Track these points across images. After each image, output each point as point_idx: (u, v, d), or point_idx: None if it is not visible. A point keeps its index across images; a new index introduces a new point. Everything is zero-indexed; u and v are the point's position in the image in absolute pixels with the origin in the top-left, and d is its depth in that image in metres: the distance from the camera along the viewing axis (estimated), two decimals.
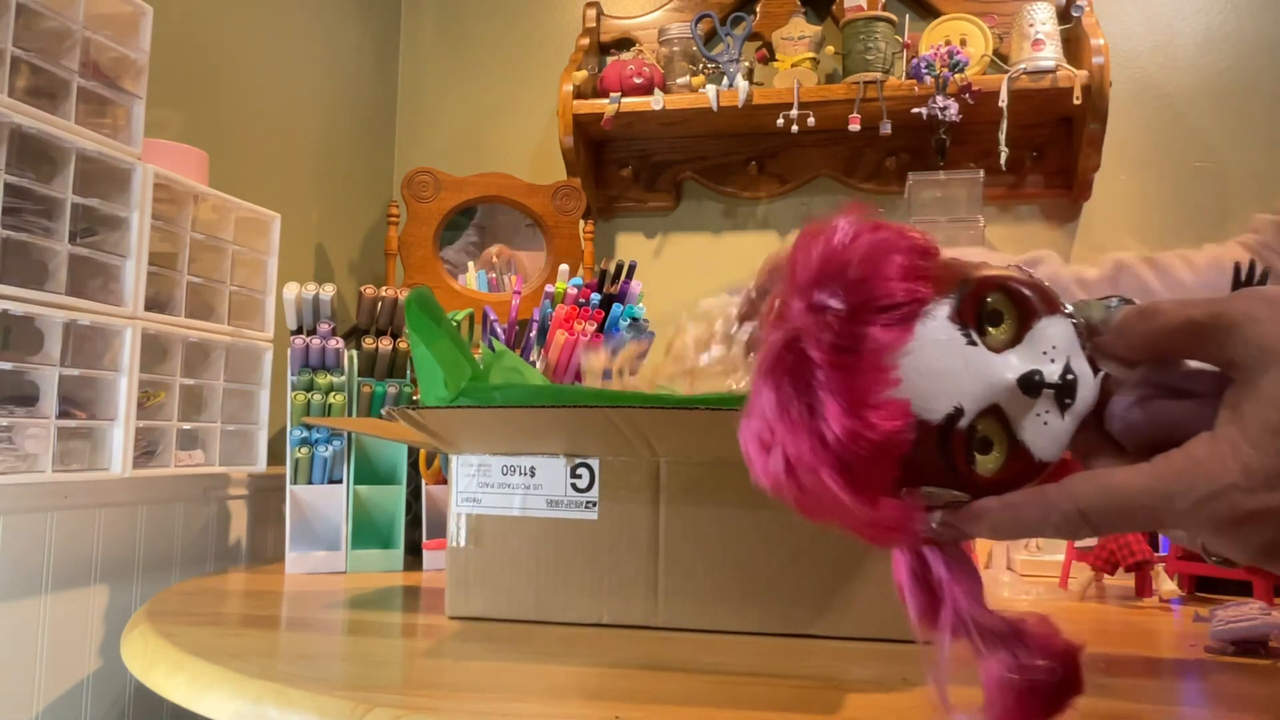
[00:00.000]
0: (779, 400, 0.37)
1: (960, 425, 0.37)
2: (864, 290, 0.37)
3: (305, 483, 1.11)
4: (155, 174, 1.01)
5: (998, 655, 0.38)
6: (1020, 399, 0.37)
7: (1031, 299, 0.38)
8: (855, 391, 0.36)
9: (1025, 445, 0.38)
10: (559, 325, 1.18)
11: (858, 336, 0.36)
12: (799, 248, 0.39)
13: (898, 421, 0.36)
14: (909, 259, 0.38)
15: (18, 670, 0.94)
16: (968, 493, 0.38)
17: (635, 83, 1.62)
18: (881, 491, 0.37)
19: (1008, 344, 0.38)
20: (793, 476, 0.37)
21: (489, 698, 0.56)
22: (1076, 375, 0.38)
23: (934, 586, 0.39)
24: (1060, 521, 0.37)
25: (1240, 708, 0.60)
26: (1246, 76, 1.59)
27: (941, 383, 0.37)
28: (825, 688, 0.59)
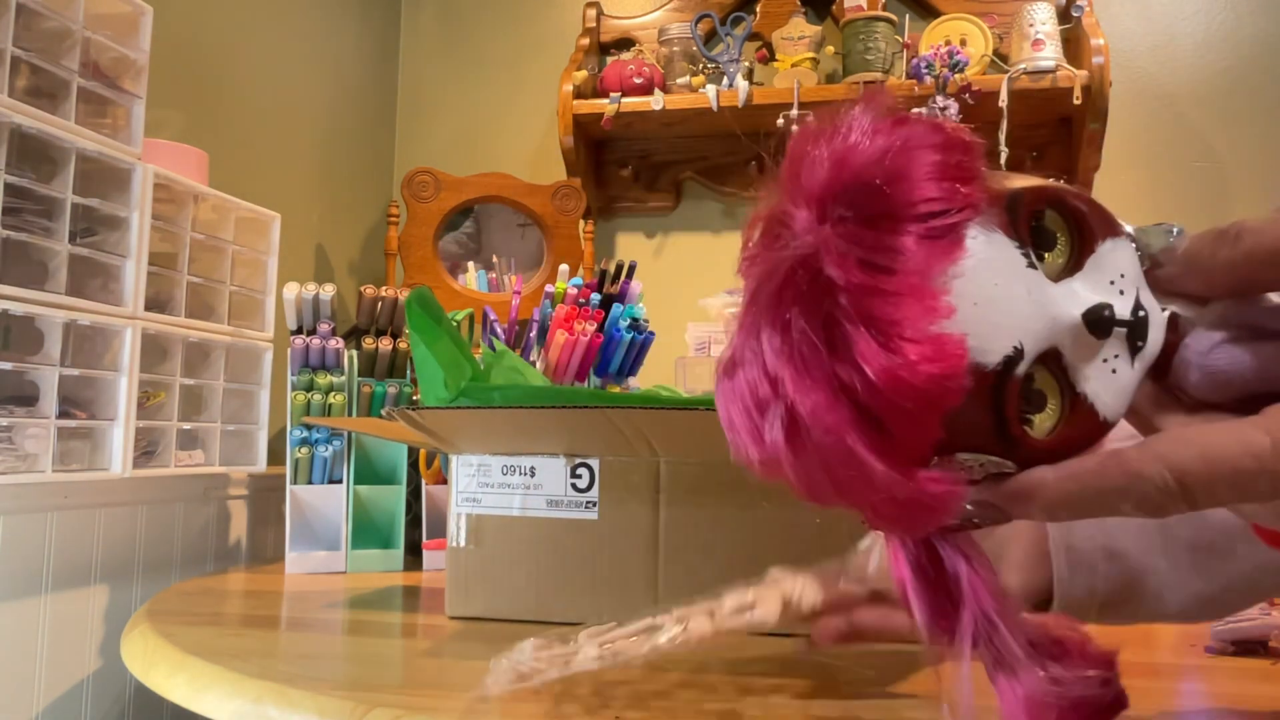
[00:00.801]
0: (787, 340, 0.28)
1: (1018, 372, 0.28)
2: (897, 193, 0.28)
3: (305, 483, 1.11)
4: (155, 174, 1.01)
5: (1029, 666, 0.31)
6: (1085, 339, 0.30)
7: (1092, 216, 0.31)
8: (894, 322, 0.27)
9: (1088, 399, 0.30)
10: (559, 325, 1.18)
11: (895, 250, 0.27)
12: (799, 148, 0.30)
13: (951, 362, 0.27)
14: (949, 155, 0.29)
15: (18, 670, 0.94)
16: (1014, 460, 0.30)
17: (635, 83, 1.62)
18: (918, 459, 0.28)
19: (1066, 270, 0.30)
20: (797, 441, 0.28)
21: (489, 697, 0.56)
22: (1148, 311, 0.30)
23: (948, 583, 0.32)
24: (1149, 494, 0.28)
25: (1240, 708, 0.60)
26: (1246, 76, 1.59)
27: (999, 314, 0.28)
28: (826, 687, 0.59)
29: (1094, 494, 0.29)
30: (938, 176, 0.28)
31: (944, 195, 0.28)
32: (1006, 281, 0.29)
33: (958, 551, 0.32)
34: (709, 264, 1.74)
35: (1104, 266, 0.30)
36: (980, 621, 0.31)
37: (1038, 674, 0.30)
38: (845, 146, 0.29)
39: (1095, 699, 0.31)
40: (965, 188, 0.28)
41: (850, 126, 0.29)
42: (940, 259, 0.28)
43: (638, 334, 1.22)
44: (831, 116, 0.30)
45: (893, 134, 0.29)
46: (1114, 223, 0.31)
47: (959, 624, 0.31)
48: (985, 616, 0.31)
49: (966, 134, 0.30)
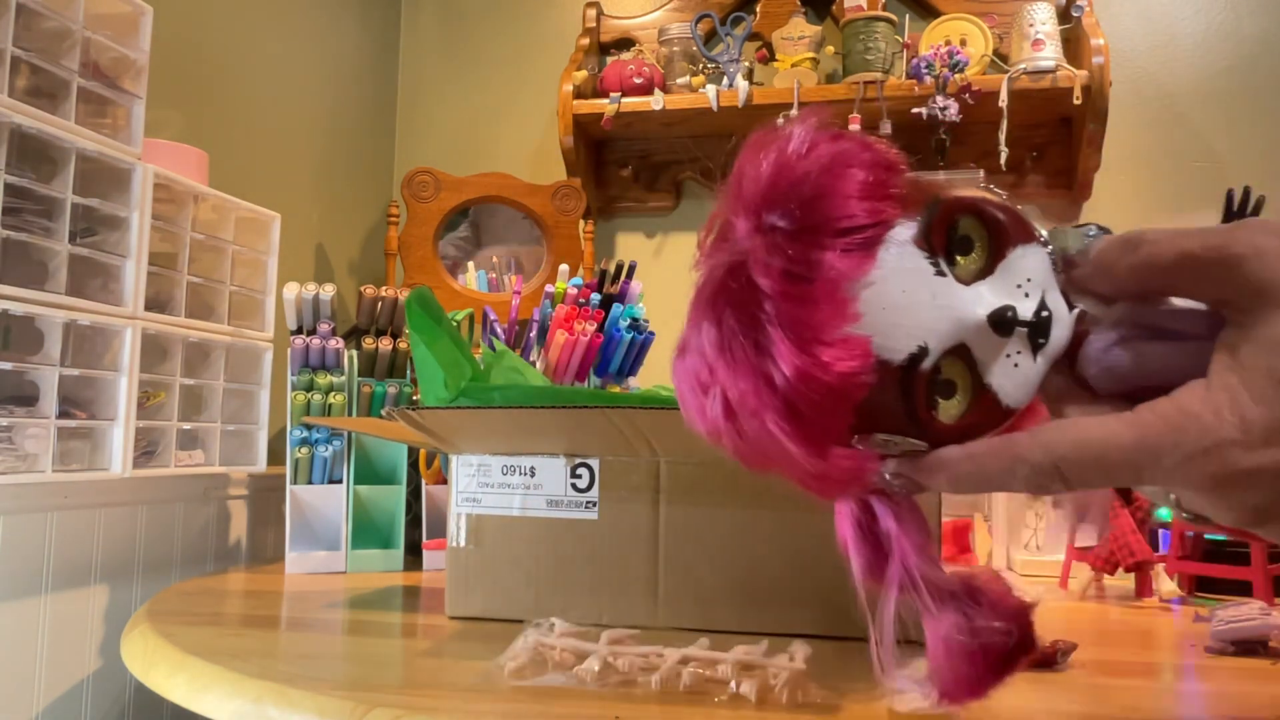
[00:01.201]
0: (720, 335, 0.33)
1: (924, 366, 0.32)
2: (821, 209, 0.32)
3: (305, 483, 1.11)
4: (155, 174, 1.01)
5: (947, 614, 0.35)
6: (990, 337, 0.33)
7: (1006, 224, 0.34)
8: (809, 326, 0.31)
9: (992, 389, 0.34)
10: (559, 325, 1.18)
11: (813, 263, 0.32)
12: (746, 159, 0.34)
13: (856, 361, 0.31)
14: (873, 174, 0.33)
15: (18, 670, 0.94)
16: (925, 440, 0.34)
17: (635, 83, 1.62)
18: (833, 440, 0.33)
19: (978, 275, 0.34)
20: (733, 422, 0.33)
21: (489, 698, 0.56)
22: (1051, 312, 0.34)
23: (880, 540, 0.36)
24: (1030, 475, 0.32)
25: (1240, 708, 0.60)
26: (1246, 76, 1.59)
27: (905, 318, 0.32)
28: (825, 687, 0.59)
29: (987, 472, 0.33)
30: (859, 195, 0.32)
31: (864, 213, 0.32)
32: (913, 289, 0.32)
33: (890, 512, 0.36)
34: None
35: (1013, 270, 0.34)
36: (903, 574, 0.35)
37: (954, 620, 0.35)
38: (780, 162, 0.33)
39: (1001, 644, 0.35)
40: (883, 205, 0.32)
41: (787, 142, 0.33)
42: (853, 271, 0.32)
43: (638, 334, 1.22)
44: (774, 131, 0.34)
45: (822, 152, 0.33)
46: (1029, 230, 0.35)
47: (887, 575, 0.36)
48: (907, 570, 0.35)
49: (891, 153, 0.34)
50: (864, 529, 0.36)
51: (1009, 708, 0.57)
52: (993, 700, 0.58)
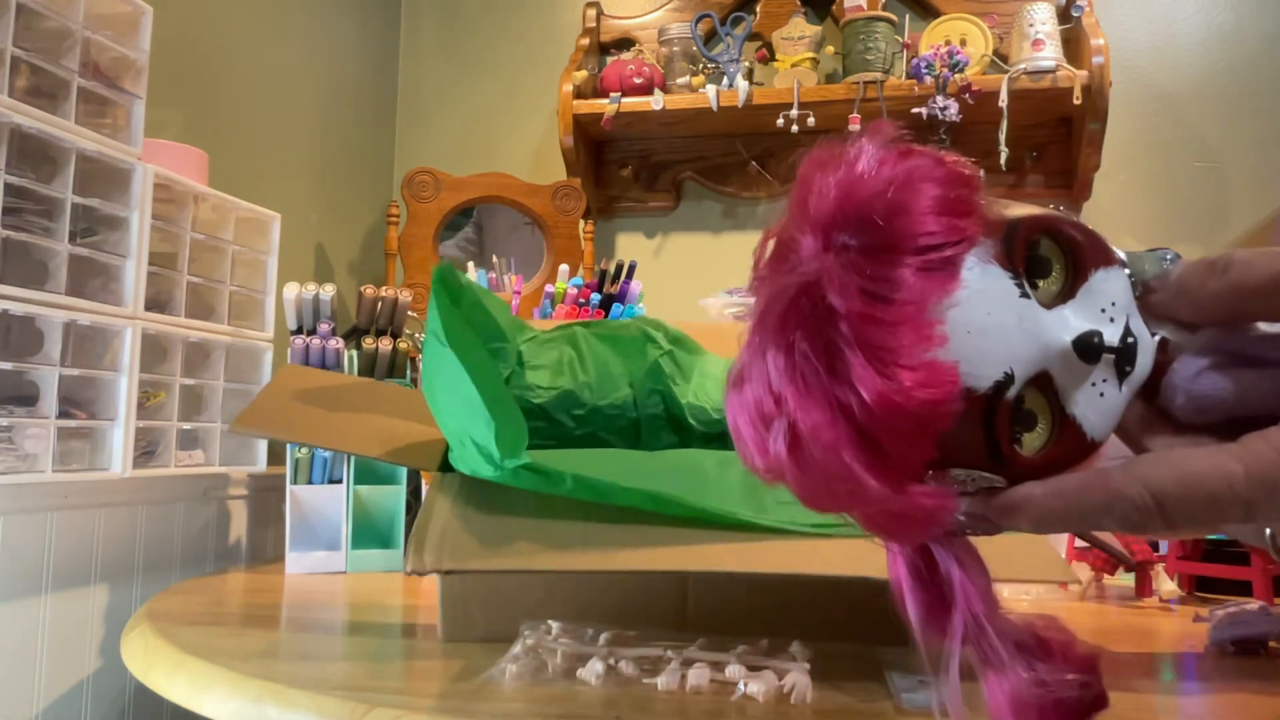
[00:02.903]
0: (790, 361, 0.30)
1: (1009, 395, 0.30)
2: (898, 226, 0.30)
3: (305, 483, 1.11)
4: (155, 174, 1.01)
5: (1016, 667, 0.32)
6: (1075, 365, 0.31)
7: (1086, 245, 0.32)
8: (890, 350, 0.29)
9: (1075, 420, 0.32)
10: None
11: (893, 281, 0.29)
12: (809, 175, 0.32)
13: (944, 388, 0.29)
14: (950, 190, 0.30)
15: (18, 670, 0.94)
16: (1007, 477, 0.32)
17: (635, 83, 1.62)
18: (911, 475, 0.30)
19: (1057, 298, 0.32)
20: (799, 455, 0.30)
21: (489, 698, 0.56)
22: (1136, 338, 0.32)
23: (940, 585, 0.33)
24: (1129, 512, 0.30)
25: (1240, 708, 0.60)
26: (1246, 76, 1.59)
27: (992, 342, 0.30)
28: (828, 686, 0.59)
29: (1078, 510, 0.31)
30: (937, 211, 0.30)
31: (942, 229, 0.30)
32: (999, 311, 0.30)
33: (951, 556, 0.33)
34: (709, 264, 1.74)
35: (1096, 294, 0.32)
36: (969, 623, 0.33)
37: (1022, 674, 0.32)
38: (851, 177, 0.31)
39: (1075, 699, 0.32)
40: (963, 221, 0.30)
41: (857, 157, 0.31)
42: (936, 290, 0.29)
43: None
44: (840, 145, 0.32)
45: (896, 166, 0.30)
46: (1108, 251, 0.33)
47: (950, 624, 0.33)
48: (974, 619, 0.33)
49: (967, 167, 0.31)
50: (920, 573, 0.33)
51: None
52: None
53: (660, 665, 0.59)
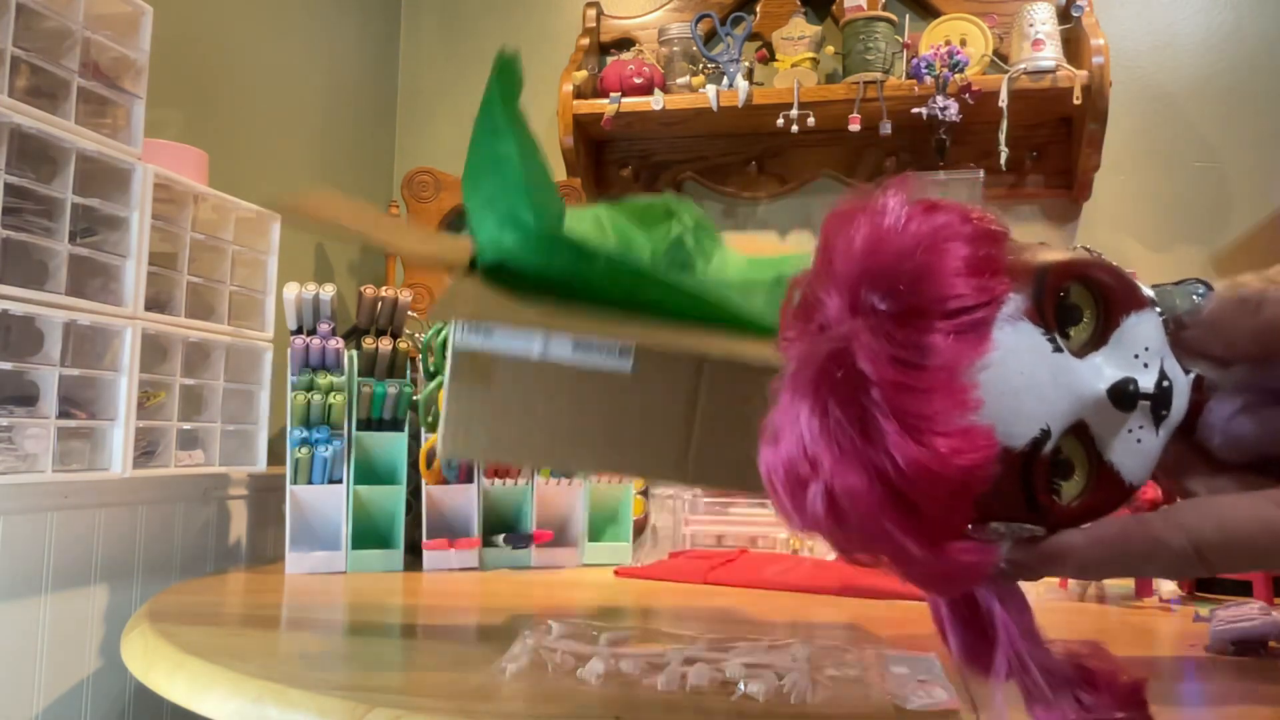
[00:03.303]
0: (824, 424, 0.30)
1: (1045, 450, 0.30)
2: (926, 289, 0.30)
3: (305, 483, 1.11)
4: (155, 174, 1.01)
5: (1062, 702, 0.32)
6: (1110, 413, 0.31)
7: (1117, 290, 0.32)
8: (924, 417, 0.29)
9: (1113, 467, 0.32)
10: None
11: (924, 348, 0.29)
12: (834, 229, 0.32)
13: (980, 453, 0.29)
14: (978, 248, 0.30)
15: (18, 670, 0.94)
16: (1045, 526, 0.32)
17: (635, 83, 1.62)
18: (950, 535, 0.30)
19: (1089, 345, 0.32)
20: (837, 516, 0.30)
21: (489, 698, 0.56)
22: (1172, 381, 0.32)
23: (983, 622, 0.33)
24: (1170, 561, 0.31)
25: (1240, 708, 0.60)
26: (1246, 76, 1.59)
27: (1027, 401, 0.30)
28: (830, 686, 0.59)
29: (1120, 558, 0.31)
30: (966, 272, 0.30)
31: (972, 291, 0.30)
32: (1033, 369, 0.30)
33: (993, 595, 0.33)
34: None
35: (1128, 340, 0.31)
36: (1012, 660, 0.33)
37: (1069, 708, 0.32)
38: (876, 236, 0.30)
39: None
40: (992, 281, 0.30)
41: (882, 213, 0.31)
42: (968, 354, 0.29)
43: None
44: (863, 201, 0.31)
45: (922, 225, 0.30)
46: (1138, 294, 0.32)
47: (993, 662, 0.33)
48: (1017, 655, 0.33)
49: (994, 224, 0.31)
50: (963, 610, 0.34)
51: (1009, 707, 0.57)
52: None
53: (660, 665, 0.59)
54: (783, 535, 1.30)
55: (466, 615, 0.89)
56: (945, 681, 0.58)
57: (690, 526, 1.40)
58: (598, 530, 1.24)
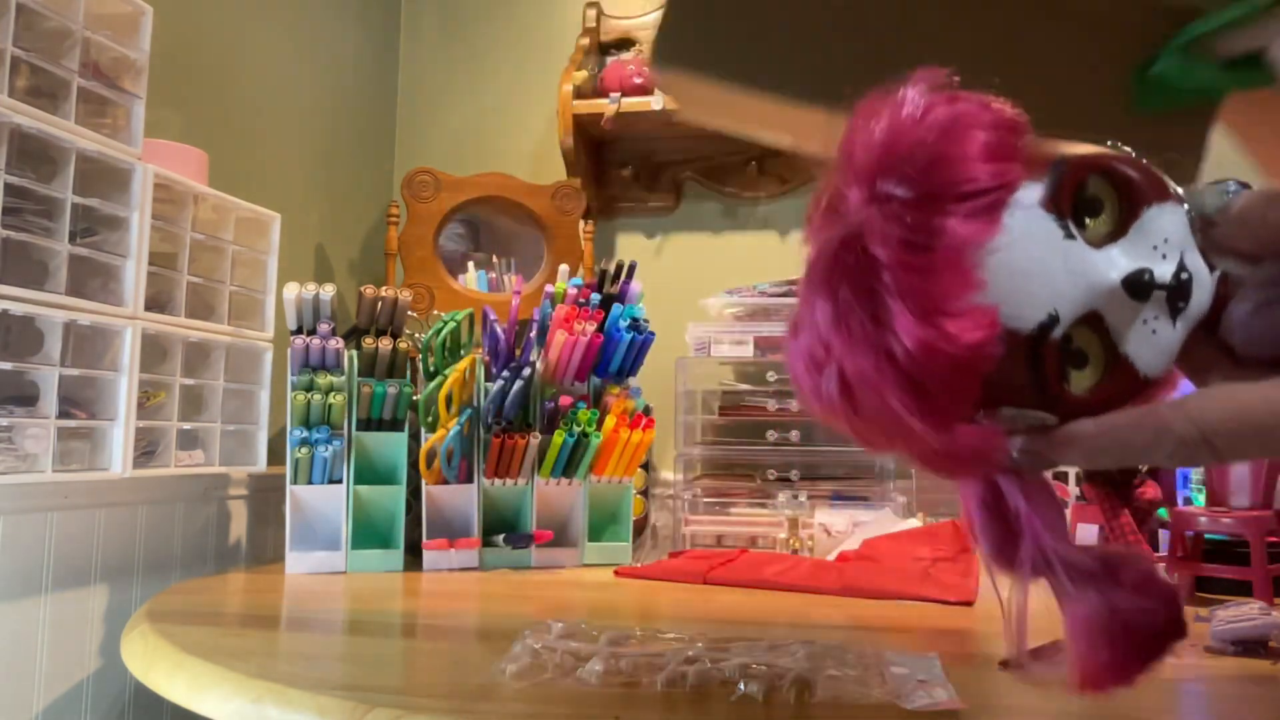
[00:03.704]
0: (836, 310, 0.31)
1: (1054, 335, 0.31)
2: (940, 174, 0.30)
3: (305, 483, 1.11)
4: (155, 174, 1.01)
5: (1087, 596, 0.33)
6: (1125, 303, 0.31)
7: (1139, 183, 0.32)
8: (931, 297, 0.30)
9: (1128, 358, 0.32)
10: (559, 325, 1.18)
11: (934, 230, 0.30)
12: (857, 125, 0.33)
13: (983, 331, 0.30)
14: (995, 135, 0.31)
15: (18, 670, 0.94)
16: (1056, 414, 0.32)
17: (635, 83, 1.62)
18: (958, 416, 0.31)
19: (1109, 237, 0.32)
20: (850, 399, 0.32)
21: (489, 698, 0.56)
22: (1192, 273, 0.32)
23: (1009, 519, 0.34)
24: (1177, 448, 0.31)
25: (1240, 708, 0.60)
26: None
27: (1034, 285, 0.31)
28: (830, 686, 0.59)
29: (1129, 446, 0.32)
30: (981, 157, 0.31)
31: (985, 176, 0.30)
32: (1042, 254, 0.31)
33: (1019, 490, 0.34)
34: (709, 264, 1.74)
35: (1148, 231, 0.32)
36: (1036, 555, 0.33)
37: (1094, 602, 0.33)
38: (894, 127, 0.31)
39: (1147, 624, 0.33)
40: (1006, 167, 0.31)
41: (900, 106, 0.32)
42: (976, 236, 0.30)
43: (638, 334, 1.22)
44: (885, 95, 0.32)
45: (940, 114, 0.31)
46: (1163, 187, 0.32)
47: (1018, 557, 0.34)
48: (1040, 551, 0.33)
49: (1013, 113, 0.32)
50: (991, 509, 0.34)
51: (1010, 707, 0.57)
52: (994, 700, 0.58)
53: (660, 665, 0.59)
54: (782, 535, 1.30)
55: (466, 615, 0.89)
56: (945, 681, 0.58)
57: (690, 526, 1.41)
58: (598, 530, 1.24)
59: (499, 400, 1.14)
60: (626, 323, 1.22)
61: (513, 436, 1.13)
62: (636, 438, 1.20)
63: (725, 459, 1.50)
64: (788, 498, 1.36)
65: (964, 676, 0.62)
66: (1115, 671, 0.35)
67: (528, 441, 1.14)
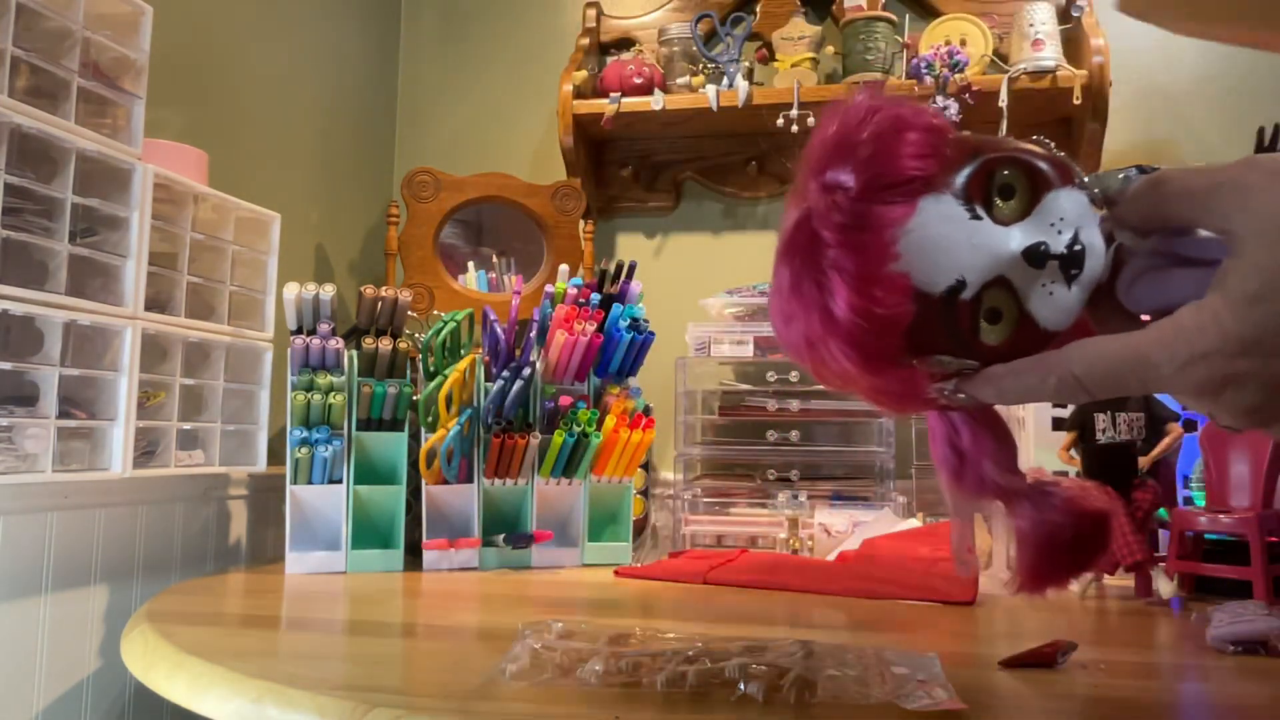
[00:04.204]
0: (792, 278, 0.40)
1: (964, 297, 0.38)
2: (874, 167, 0.38)
3: (305, 483, 1.11)
4: (155, 174, 1.01)
5: (1022, 513, 0.41)
6: (1026, 270, 0.38)
7: (1044, 171, 0.39)
8: (860, 269, 0.38)
9: (1032, 315, 0.38)
10: (559, 325, 1.18)
11: (865, 215, 0.38)
12: (818, 126, 0.41)
13: (896, 295, 0.38)
14: (922, 135, 0.39)
15: (18, 670, 0.94)
16: (979, 361, 0.39)
17: (635, 83, 1.62)
18: (888, 362, 0.39)
19: (1017, 216, 0.38)
20: (812, 350, 0.40)
21: (489, 698, 0.56)
22: (1085, 246, 0.38)
23: (963, 452, 0.42)
24: (1057, 385, 0.38)
25: (1240, 708, 0.60)
26: (1246, 76, 1.59)
27: (943, 257, 0.38)
28: (830, 686, 0.59)
29: (1026, 385, 0.39)
30: (908, 155, 0.38)
31: (910, 169, 0.38)
32: (949, 232, 0.38)
33: (966, 425, 0.42)
34: (709, 264, 1.74)
35: (1048, 211, 0.38)
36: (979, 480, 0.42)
37: (1026, 517, 0.41)
38: (841, 128, 0.39)
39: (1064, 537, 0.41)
40: (927, 163, 0.38)
41: (849, 111, 0.40)
42: (898, 219, 0.38)
43: (638, 334, 1.22)
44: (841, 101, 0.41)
45: (878, 118, 0.39)
46: (1067, 174, 0.39)
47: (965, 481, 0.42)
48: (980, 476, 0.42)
49: (938, 118, 0.40)
50: (949, 443, 0.43)
51: (1009, 707, 0.57)
52: (994, 700, 0.58)
53: (660, 665, 0.59)
54: (782, 535, 1.30)
55: (466, 615, 0.89)
56: (945, 681, 0.58)
57: (690, 526, 1.41)
58: (598, 530, 1.24)
59: (499, 400, 1.14)
60: (626, 323, 1.22)
61: (513, 436, 1.13)
62: (636, 438, 1.20)
63: (725, 459, 1.50)
64: (788, 498, 1.36)
65: (964, 676, 0.62)
66: (1039, 577, 0.43)
67: (528, 441, 1.14)
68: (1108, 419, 1.01)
